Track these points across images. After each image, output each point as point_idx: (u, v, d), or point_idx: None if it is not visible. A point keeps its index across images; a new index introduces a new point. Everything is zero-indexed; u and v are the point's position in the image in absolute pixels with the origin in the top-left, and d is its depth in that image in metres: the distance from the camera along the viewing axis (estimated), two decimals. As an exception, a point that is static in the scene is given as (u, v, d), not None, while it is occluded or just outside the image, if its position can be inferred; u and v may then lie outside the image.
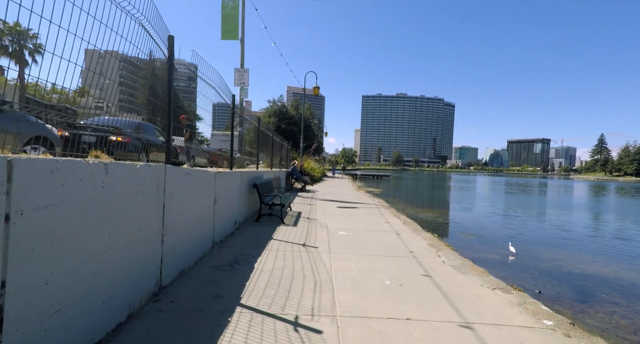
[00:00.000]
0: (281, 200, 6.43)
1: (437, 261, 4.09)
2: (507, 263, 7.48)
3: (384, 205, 10.46)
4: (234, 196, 5.40)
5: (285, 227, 5.99)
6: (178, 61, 3.99)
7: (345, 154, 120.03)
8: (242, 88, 12.90)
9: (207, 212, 3.99)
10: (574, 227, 12.32)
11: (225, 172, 4.81)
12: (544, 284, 6.17)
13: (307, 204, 9.67)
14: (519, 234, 10.59)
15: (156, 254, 2.67)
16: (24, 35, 31.78)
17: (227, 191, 4.91)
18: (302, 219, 7.01)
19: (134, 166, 2.30)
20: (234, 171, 5.52)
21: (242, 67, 12.85)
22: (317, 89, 18.56)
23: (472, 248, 8.75)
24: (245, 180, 6.17)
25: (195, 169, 3.61)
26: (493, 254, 8.22)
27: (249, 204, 6.59)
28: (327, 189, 15.72)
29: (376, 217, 7.63)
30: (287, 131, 32.58)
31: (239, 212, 5.69)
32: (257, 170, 7.67)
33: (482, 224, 12.22)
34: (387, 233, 5.86)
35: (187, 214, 3.33)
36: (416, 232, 6.02)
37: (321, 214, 7.76)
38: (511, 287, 3.38)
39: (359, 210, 8.86)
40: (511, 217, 13.96)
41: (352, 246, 4.79)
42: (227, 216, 4.94)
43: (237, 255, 4.02)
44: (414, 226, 6.70)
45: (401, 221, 7.30)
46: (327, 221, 6.94)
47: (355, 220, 7.14)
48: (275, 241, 4.87)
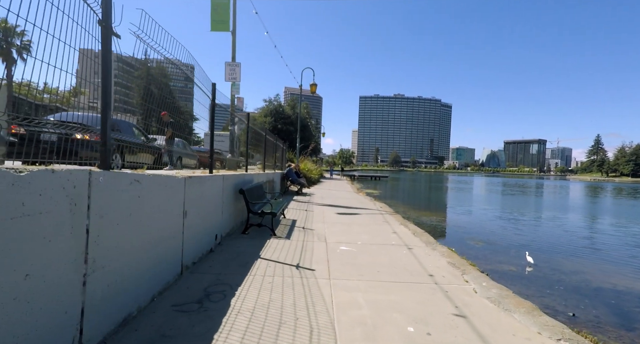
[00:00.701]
0: (272, 208, 5.52)
1: (467, 290, 3.21)
2: (526, 276, 6.65)
3: (388, 210, 9.58)
4: (215, 205, 4.50)
5: (276, 241, 5.08)
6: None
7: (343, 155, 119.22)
8: (233, 83, 11.97)
9: (173, 228, 3.09)
10: (588, 232, 11.53)
11: (201, 176, 3.90)
12: (575, 304, 5.32)
13: (303, 209, 8.77)
14: (531, 240, 9.78)
15: (72, 305, 1.77)
16: (11, 32, 30.66)
17: (204, 200, 4.00)
18: (296, 229, 6.11)
19: (12, 174, 1.39)
20: (215, 174, 4.61)
21: (233, 61, 11.93)
22: (314, 86, 17.68)
23: (485, 258, 7.93)
24: (230, 185, 5.26)
25: (153, 174, 2.71)
26: (509, 265, 7.40)
27: (236, 212, 5.68)
28: (325, 192, 14.82)
29: (381, 226, 6.75)
30: (284, 131, 31.67)
31: (221, 223, 4.78)
32: (245, 173, 6.76)
33: (489, 229, 11.41)
34: (397, 247, 4.98)
35: (137, 235, 2.43)
36: (430, 246, 5.14)
37: (319, 223, 6.86)
38: (579, 334, 2.51)
39: (361, 217, 7.98)
40: (519, 222, 13.17)
41: (357, 267, 3.90)
42: (204, 230, 4.03)
43: (211, 285, 3.11)
44: (425, 237, 5.82)
45: (410, 230, 6.43)
46: (325, 231, 6.05)
47: (358, 230, 6.26)
48: (263, 261, 3.97)
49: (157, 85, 4.46)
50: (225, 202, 5.02)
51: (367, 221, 7.34)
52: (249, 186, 5.86)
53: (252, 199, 5.71)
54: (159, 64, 4.27)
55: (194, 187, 3.63)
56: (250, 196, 5.68)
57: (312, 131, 39.00)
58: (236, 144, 11.37)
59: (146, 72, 5.23)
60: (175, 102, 4.67)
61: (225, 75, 11.84)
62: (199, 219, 3.81)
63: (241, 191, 5.38)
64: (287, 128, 31.89)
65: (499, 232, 11.04)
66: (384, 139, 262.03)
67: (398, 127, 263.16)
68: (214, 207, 4.47)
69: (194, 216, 3.63)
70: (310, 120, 40.49)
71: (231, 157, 11.05)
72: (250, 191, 5.72)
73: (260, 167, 10.03)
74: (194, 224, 3.65)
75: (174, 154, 8.69)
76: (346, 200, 11.85)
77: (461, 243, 9.04)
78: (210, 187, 4.24)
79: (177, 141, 11.57)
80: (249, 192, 5.62)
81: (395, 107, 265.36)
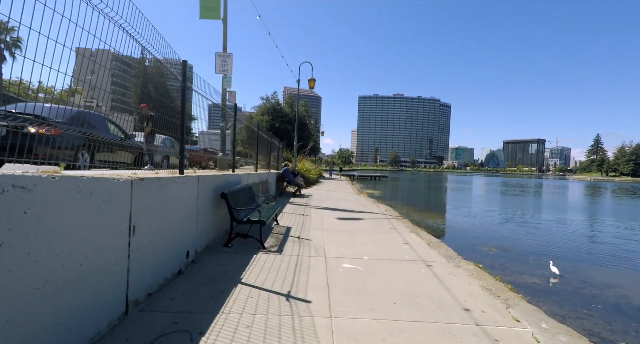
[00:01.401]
0: (260, 215, 4.59)
1: (526, 338, 2.30)
2: (554, 290, 5.77)
3: (394, 215, 8.66)
4: (185, 214, 3.57)
5: (265, 256, 4.16)
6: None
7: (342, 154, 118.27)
8: (224, 76, 11.02)
9: (108, 253, 2.16)
10: (607, 236, 10.63)
11: (162, 179, 2.97)
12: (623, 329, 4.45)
13: (299, 214, 7.84)
14: (548, 246, 8.93)
15: None
16: (0, 28, 29.59)
17: (168, 209, 3.08)
18: (290, 239, 5.18)
19: None
20: (187, 176, 3.68)
21: (224, 51, 10.97)
22: (312, 81, 16.73)
23: (503, 267, 7.05)
24: (209, 189, 4.33)
25: (66, 176, 1.79)
26: (531, 277, 6.52)
27: (218, 221, 4.75)
28: (324, 193, 13.90)
29: (389, 235, 5.83)
30: (282, 130, 30.73)
31: (195, 236, 3.85)
32: (232, 173, 5.83)
33: (499, 233, 10.54)
34: (413, 264, 4.06)
35: (25, 276, 1.51)
36: (452, 262, 4.23)
37: (317, 230, 5.94)
38: None
39: (364, 223, 7.06)
40: (529, 225, 12.28)
41: (366, 295, 2.99)
42: (167, 248, 3.10)
43: (162, 334, 2.18)
44: (444, 250, 4.90)
45: (423, 240, 5.51)
46: (324, 241, 5.12)
47: (363, 240, 5.34)
48: (244, 288, 3.04)
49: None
50: (203, 209, 4.09)
51: (373, 228, 6.42)
52: (234, 189, 4.93)
53: (237, 204, 4.78)
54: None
55: (149, 194, 2.70)
56: (235, 201, 4.75)
57: (311, 130, 38.05)
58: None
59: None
60: (162, 96, 4.01)
61: (216, 67, 10.89)
62: (158, 235, 2.88)
63: (223, 195, 4.45)
64: (285, 127, 30.93)
65: (511, 236, 10.17)
66: (383, 139, 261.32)
67: (397, 127, 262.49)
68: (185, 217, 3.54)
69: (149, 231, 2.70)
70: (309, 119, 39.52)
71: (222, 157, 10.11)
72: (234, 195, 4.79)
73: (254, 167, 9.11)
74: (150, 243, 2.72)
75: (159, 153, 7.82)
76: (347, 202, 10.93)
77: (473, 250, 8.19)
78: (177, 191, 3.31)
79: (165, 138, 10.65)
80: (233, 196, 4.69)
81: (394, 107, 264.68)
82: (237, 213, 4.60)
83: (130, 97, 6.43)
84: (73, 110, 4.41)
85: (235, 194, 4.90)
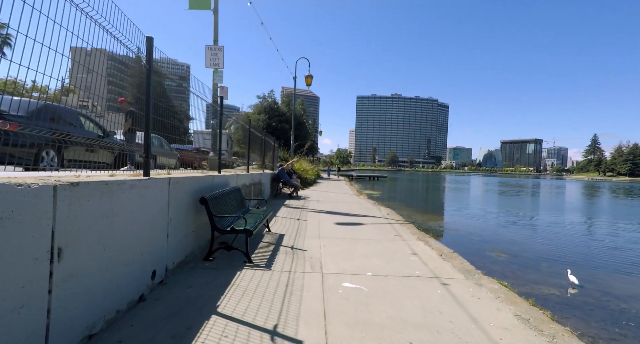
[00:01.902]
0: (247, 223, 3.93)
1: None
2: (576, 304, 5.19)
3: (397, 219, 8.02)
4: (151, 225, 2.91)
5: (250, 273, 3.50)
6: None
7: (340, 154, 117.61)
8: (215, 70, 10.34)
9: (12, 291, 1.51)
10: (620, 240, 10.04)
11: (113, 183, 2.31)
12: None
13: (294, 218, 7.19)
14: (559, 251, 8.37)
15: None
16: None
17: (120, 220, 2.41)
18: (282, 249, 4.52)
19: None
20: (155, 178, 3.02)
21: (215, 44, 10.30)
22: (310, 78, 16.10)
23: (515, 275, 6.45)
24: (186, 193, 3.67)
25: None
26: (548, 287, 5.93)
27: (198, 230, 4.09)
28: (322, 195, 13.24)
29: (395, 243, 5.19)
30: (279, 129, 30.05)
31: (164, 252, 3.19)
32: (217, 174, 5.16)
33: (507, 236, 9.95)
34: (426, 282, 3.42)
35: None
36: (472, 279, 3.59)
37: (313, 238, 5.28)
38: None
39: (366, 228, 6.41)
40: (536, 227, 11.69)
41: (374, 330, 2.34)
42: (121, 272, 2.44)
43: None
44: (459, 262, 4.26)
45: (433, 249, 4.87)
46: (321, 252, 4.47)
47: (365, 249, 4.69)
48: (219, 322, 2.39)
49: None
50: (177, 218, 3.43)
51: (375, 235, 5.77)
52: (217, 193, 4.26)
53: (220, 210, 4.12)
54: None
55: (89, 203, 2.03)
56: (218, 207, 4.09)
57: (309, 129, 37.36)
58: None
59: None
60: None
61: (206, 61, 10.21)
62: (104, 255, 2.21)
63: (202, 201, 3.78)
64: (282, 126, 30.24)
65: (519, 240, 9.59)
66: (381, 139, 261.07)
67: (395, 127, 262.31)
68: (149, 228, 2.88)
69: (89, 252, 2.04)
70: (306, 118, 38.82)
71: (213, 157, 9.44)
72: (217, 200, 4.12)
73: (246, 167, 8.44)
74: (89, 268, 2.06)
75: (134, 151, 7.14)
76: (346, 205, 10.28)
77: (481, 255, 7.61)
78: (137, 198, 2.64)
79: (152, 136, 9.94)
80: (215, 201, 4.03)
81: (392, 107, 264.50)
82: (219, 221, 3.93)
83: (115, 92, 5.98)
84: (39, 103, 3.80)
85: (219, 198, 4.24)
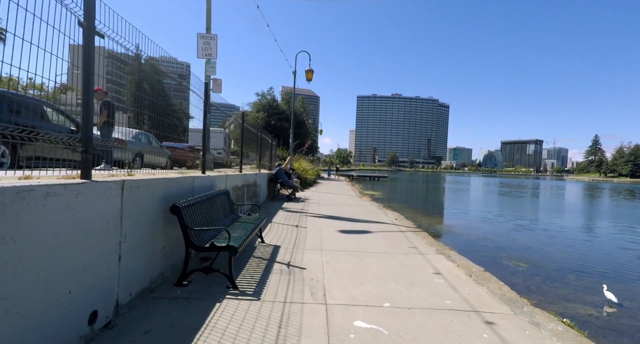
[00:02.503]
0: (230, 238, 3.08)
1: None
2: (621, 329, 4.49)
3: (407, 225, 7.17)
4: (93, 247, 2.07)
5: (233, 307, 2.67)
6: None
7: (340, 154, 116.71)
8: (207, 61, 9.48)
9: None
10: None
11: (20, 189, 1.48)
12: None
13: (292, 225, 6.35)
14: (585, 260, 7.59)
15: None
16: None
17: (24, 244, 1.58)
18: (277, 268, 3.69)
19: None
20: (97, 181, 2.18)
21: (208, 32, 9.44)
22: (310, 73, 15.24)
23: (542, 290, 5.70)
24: (151, 200, 2.83)
25: None
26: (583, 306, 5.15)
27: (171, 246, 3.25)
28: (323, 197, 12.41)
29: (411, 258, 4.35)
30: (278, 128, 29.23)
31: (113, 281, 2.34)
32: (201, 175, 4.32)
33: (522, 242, 9.14)
34: (462, 318, 2.59)
35: None
36: (521, 312, 2.75)
37: (313, 252, 4.45)
38: None
39: (375, 238, 5.57)
40: (551, 232, 10.82)
41: None
42: (27, 327, 1.60)
43: None
44: (495, 285, 3.42)
45: (459, 267, 4.03)
46: (324, 271, 3.64)
47: (378, 267, 3.86)
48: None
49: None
50: (135, 234, 2.59)
51: (387, 247, 4.93)
52: (196, 199, 3.42)
53: (198, 221, 3.28)
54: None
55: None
56: (196, 217, 3.24)
57: (309, 128, 36.48)
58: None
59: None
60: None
61: (198, 51, 9.32)
62: None
63: (175, 210, 2.94)
64: (281, 124, 29.38)
65: (535, 247, 8.78)
66: (381, 139, 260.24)
67: (395, 127, 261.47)
68: (87, 253, 2.04)
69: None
70: (306, 116, 37.92)
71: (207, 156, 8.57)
72: (194, 208, 3.28)
73: (239, 167, 7.61)
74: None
75: (129, 150, 6.38)
76: (349, 208, 9.44)
77: (498, 264, 6.82)
78: (60, 212, 1.81)
79: (138, 133, 9.10)
80: (192, 210, 3.18)
81: (392, 107, 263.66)
82: (196, 235, 3.09)
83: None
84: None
85: (198, 206, 3.40)
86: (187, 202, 3.15)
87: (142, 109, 3.66)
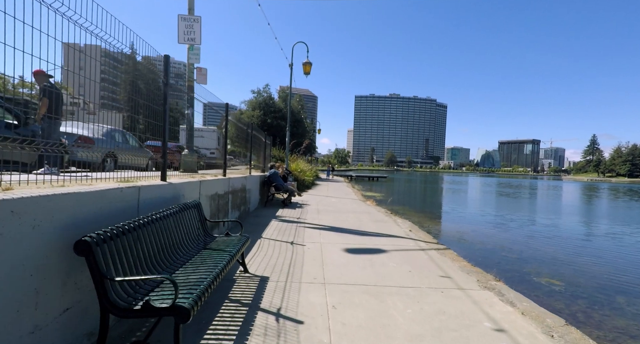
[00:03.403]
0: (177, 294, 1.86)
1: None
2: None
3: (426, 239, 5.94)
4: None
5: None
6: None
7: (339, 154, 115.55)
8: (191, 47, 8.21)
9: None
10: None
11: None
12: None
13: (287, 241, 5.12)
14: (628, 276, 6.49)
15: None
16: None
17: None
18: (259, 324, 2.45)
19: None
20: None
21: (191, 13, 8.18)
22: (308, 66, 14.03)
23: (591, 319, 4.88)
24: (45, 231, 1.60)
25: None
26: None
27: (84, 301, 2.02)
28: (322, 201, 11.18)
29: (450, 299, 3.14)
30: (274, 127, 27.97)
31: None
32: (160, 183, 3.08)
33: (547, 253, 8.00)
34: None
35: None
36: None
37: (314, 289, 3.23)
38: None
39: (391, 260, 4.35)
40: (575, 240, 9.64)
41: None
42: None
43: None
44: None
45: (524, 314, 2.83)
46: (329, 330, 2.42)
47: (407, 319, 2.65)
48: None
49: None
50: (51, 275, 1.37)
51: (411, 276, 3.72)
52: (129, 225, 2.18)
53: (126, 264, 2.04)
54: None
55: None
56: (122, 258, 2.01)
57: (307, 127, 35.24)
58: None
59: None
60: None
61: (179, 35, 8.06)
62: None
63: (81, 247, 1.71)
64: (278, 123, 28.11)
65: (563, 258, 7.65)
66: (379, 139, 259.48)
67: (393, 127, 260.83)
68: None
69: None
70: (304, 113, 36.66)
71: (187, 155, 7.34)
72: (123, 241, 2.04)
73: (222, 169, 6.36)
74: None
75: (96, 150, 5.31)
76: (353, 216, 8.22)
77: (529, 282, 5.74)
78: None
79: (111, 129, 7.78)
80: (117, 245, 1.95)
81: (390, 107, 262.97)
82: (119, 289, 1.86)
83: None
84: None
85: (131, 235, 2.15)
86: (109, 232, 1.91)
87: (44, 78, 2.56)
